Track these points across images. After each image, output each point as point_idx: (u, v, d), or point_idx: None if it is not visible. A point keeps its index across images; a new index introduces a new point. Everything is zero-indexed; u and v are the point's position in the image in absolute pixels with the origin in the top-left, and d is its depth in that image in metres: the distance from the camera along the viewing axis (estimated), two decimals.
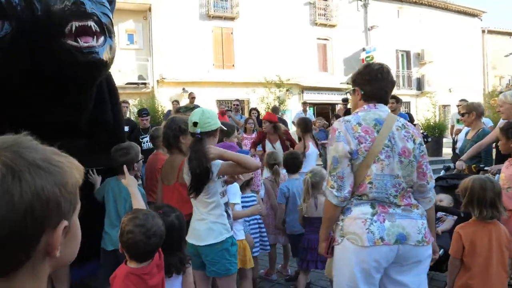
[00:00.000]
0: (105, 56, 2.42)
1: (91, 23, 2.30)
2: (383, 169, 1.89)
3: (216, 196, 2.37)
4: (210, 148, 2.29)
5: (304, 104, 11.21)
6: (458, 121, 8.37)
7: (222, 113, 8.23)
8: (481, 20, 22.21)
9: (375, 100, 2.03)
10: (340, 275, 1.95)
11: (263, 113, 11.87)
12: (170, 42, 14.41)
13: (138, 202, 2.17)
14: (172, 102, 10.22)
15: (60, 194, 0.64)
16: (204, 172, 2.24)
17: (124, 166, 2.54)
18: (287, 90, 15.73)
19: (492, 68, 22.63)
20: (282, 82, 15.20)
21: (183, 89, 14.57)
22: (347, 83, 17.32)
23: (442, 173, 4.00)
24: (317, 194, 3.22)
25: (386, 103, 2.09)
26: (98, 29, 2.36)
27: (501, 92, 15.94)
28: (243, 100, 15.49)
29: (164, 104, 13.34)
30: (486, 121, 6.15)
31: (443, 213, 3.25)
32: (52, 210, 0.63)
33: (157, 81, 14.70)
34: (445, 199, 3.31)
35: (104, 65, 2.48)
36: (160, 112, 12.16)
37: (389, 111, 2.12)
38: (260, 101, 14.88)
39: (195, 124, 2.35)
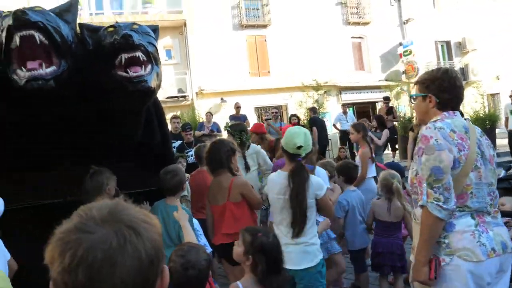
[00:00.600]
0: (153, 83, 2.54)
1: (139, 54, 2.42)
2: (480, 177, 1.82)
3: (312, 215, 2.41)
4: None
5: (344, 106, 11.10)
6: None
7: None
8: None
9: (450, 108, 1.96)
10: None
11: (302, 118, 11.88)
12: (206, 54, 14.74)
13: (189, 235, 2.25)
14: (206, 113, 10.30)
15: (160, 241, 0.72)
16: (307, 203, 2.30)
17: (178, 203, 2.63)
18: (324, 92, 15.61)
19: None
20: (319, 85, 15.11)
21: (221, 99, 14.83)
22: (386, 80, 16.96)
23: (502, 174, 3.78)
24: (393, 198, 3.17)
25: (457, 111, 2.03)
26: (145, 58, 2.47)
27: None
28: (281, 106, 15.54)
29: (203, 115, 13.64)
30: None
31: (508, 218, 3.09)
32: (160, 257, 0.70)
33: (196, 93, 15.05)
34: (509, 203, 3.14)
35: (153, 92, 2.60)
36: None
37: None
38: (298, 105, 14.86)
39: (299, 147, 2.41)
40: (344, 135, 11.21)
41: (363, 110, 17.51)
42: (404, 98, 16.68)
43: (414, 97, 2.14)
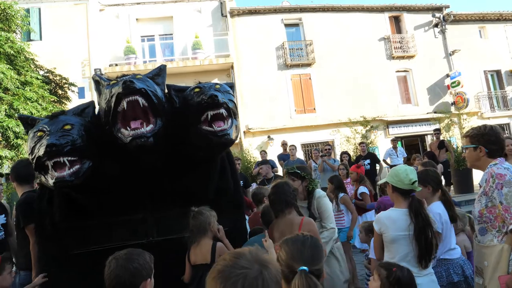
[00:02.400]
0: (233, 135, 2.83)
1: (222, 111, 2.72)
2: None
3: None
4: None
5: (394, 141, 11.04)
6: None
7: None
8: None
9: (497, 156, 2.45)
10: None
11: (352, 154, 11.91)
12: (252, 93, 15.32)
13: None
14: (260, 152, 10.59)
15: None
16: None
17: (266, 233, 2.82)
18: (371, 127, 15.59)
19: None
20: (366, 120, 15.16)
21: (268, 136, 15.19)
22: (435, 112, 16.69)
23: None
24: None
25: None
26: (227, 114, 2.77)
27: None
28: (328, 141, 15.65)
29: (251, 152, 14.01)
30: None
31: None
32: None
33: (244, 131, 15.51)
34: None
35: (233, 143, 2.89)
36: (250, 162, 12.72)
37: None
38: (345, 141, 14.92)
39: (414, 182, 2.62)
40: None
41: (412, 143, 17.22)
42: (455, 131, 16.29)
43: (466, 148, 2.68)
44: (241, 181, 6.37)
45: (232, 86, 3.14)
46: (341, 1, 17.00)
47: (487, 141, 2.53)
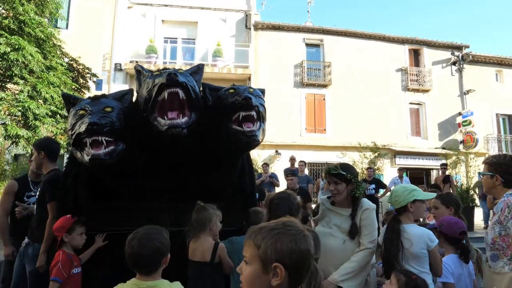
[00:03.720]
0: (260, 137, 2.98)
1: (253, 113, 2.88)
2: None
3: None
4: None
5: (400, 170, 11.15)
6: None
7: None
8: None
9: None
10: None
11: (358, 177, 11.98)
12: (266, 107, 15.45)
13: None
14: (262, 165, 10.62)
15: None
16: None
17: None
18: (378, 155, 15.71)
19: None
20: (377, 146, 15.29)
21: (276, 151, 15.33)
22: (443, 148, 16.79)
23: None
24: None
25: None
26: (257, 117, 2.93)
27: None
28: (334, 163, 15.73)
29: (259, 163, 14.13)
30: None
31: None
32: None
33: None
34: None
35: (258, 144, 3.03)
36: (256, 172, 12.81)
37: None
38: (352, 164, 15.04)
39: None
40: None
41: (417, 176, 17.27)
42: (461, 168, 16.35)
43: (483, 175, 2.78)
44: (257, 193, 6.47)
45: (263, 92, 3.30)
46: (363, 28, 17.38)
47: (504, 170, 2.62)
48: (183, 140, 2.78)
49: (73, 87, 10.23)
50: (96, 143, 2.66)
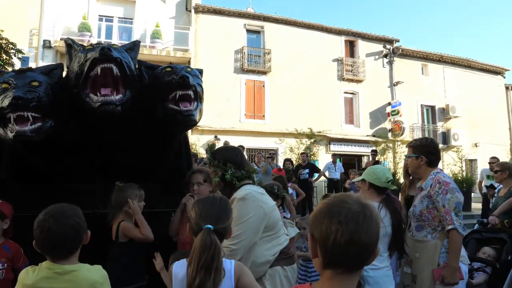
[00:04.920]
0: (197, 117, 2.99)
1: (190, 92, 2.87)
2: None
3: None
4: None
5: (334, 156, 11.68)
6: (488, 176, 8.63)
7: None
8: (504, 77, 22.63)
9: (435, 165, 2.85)
10: None
11: (294, 163, 12.37)
12: (205, 92, 15.21)
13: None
14: (206, 150, 10.69)
15: None
16: None
17: None
18: (314, 141, 16.29)
19: None
20: (313, 133, 15.82)
21: (215, 136, 15.30)
22: (373, 136, 17.79)
23: (476, 226, 4.31)
24: None
25: None
26: (194, 96, 2.93)
27: None
28: (272, 149, 16.10)
29: (198, 148, 14.07)
30: None
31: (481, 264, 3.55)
32: None
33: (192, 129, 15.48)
34: (490, 252, 3.64)
35: (195, 124, 3.04)
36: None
37: None
38: (289, 150, 15.46)
39: (389, 181, 2.95)
40: (331, 183, 11.71)
41: (349, 162, 18.17)
42: (389, 155, 17.46)
43: (408, 157, 3.03)
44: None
45: (201, 72, 3.29)
46: (303, 17, 17.71)
47: (427, 151, 2.89)
48: (116, 118, 2.71)
49: None
50: (21, 119, 2.51)
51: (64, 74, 3.01)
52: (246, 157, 2.53)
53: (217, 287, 1.64)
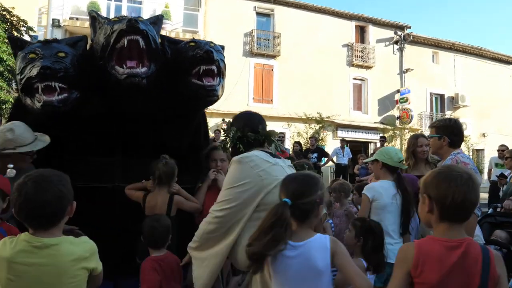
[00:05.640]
0: (219, 92, 3.00)
1: (214, 67, 2.88)
2: None
3: None
4: None
5: (342, 141, 11.67)
6: (496, 165, 8.61)
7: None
8: None
9: (457, 147, 2.86)
10: None
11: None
12: None
13: None
14: (215, 131, 10.72)
15: None
16: None
17: None
18: (321, 127, 16.27)
19: None
20: (322, 119, 15.81)
21: (223, 119, 15.30)
22: (381, 123, 17.73)
23: (490, 211, 4.34)
24: None
25: None
26: (217, 71, 2.93)
27: None
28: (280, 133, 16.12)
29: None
30: None
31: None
32: None
33: None
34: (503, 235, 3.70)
35: (217, 99, 3.05)
36: None
37: None
38: (297, 134, 15.48)
39: (401, 161, 3.14)
40: (339, 168, 11.74)
41: (356, 149, 18.14)
42: (397, 142, 17.43)
43: (431, 137, 3.02)
44: None
45: (223, 48, 3.29)
46: (314, 1, 17.47)
47: (450, 132, 2.87)
48: (142, 90, 2.72)
49: (6, 40, 9.42)
50: (48, 89, 2.54)
51: (88, 47, 3.02)
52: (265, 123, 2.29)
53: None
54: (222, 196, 2.05)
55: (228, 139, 2.30)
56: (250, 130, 2.21)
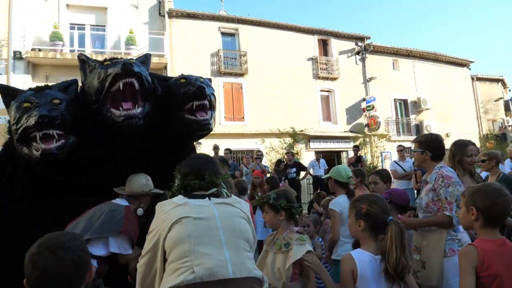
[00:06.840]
0: (212, 125, 3.09)
1: (206, 102, 2.97)
2: None
3: None
4: None
5: (317, 153, 11.94)
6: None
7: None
8: (470, 69, 23.64)
9: (440, 160, 3.03)
10: None
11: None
12: None
13: None
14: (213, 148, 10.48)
15: None
16: None
17: None
18: (295, 140, 16.55)
19: (484, 113, 23.78)
20: (296, 132, 16.10)
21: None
22: (351, 131, 18.22)
23: None
24: None
25: None
26: (209, 105, 3.03)
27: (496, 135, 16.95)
28: (253, 150, 16.22)
29: None
30: (501, 167, 6.13)
31: None
32: None
33: None
34: None
35: (210, 132, 3.14)
36: None
37: None
38: (271, 150, 15.68)
39: (349, 177, 3.80)
40: (316, 180, 11.96)
41: (329, 158, 18.49)
42: (367, 149, 17.96)
43: (414, 151, 3.21)
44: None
45: (211, 81, 3.39)
46: (276, 18, 17.95)
47: (432, 147, 3.06)
48: (139, 131, 2.78)
49: None
50: (46, 137, 2.55)
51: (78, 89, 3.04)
52: (215, 162, 2.22)
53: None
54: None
55: (173, 188, 2.12)
56: (194, 178, 2.02)
